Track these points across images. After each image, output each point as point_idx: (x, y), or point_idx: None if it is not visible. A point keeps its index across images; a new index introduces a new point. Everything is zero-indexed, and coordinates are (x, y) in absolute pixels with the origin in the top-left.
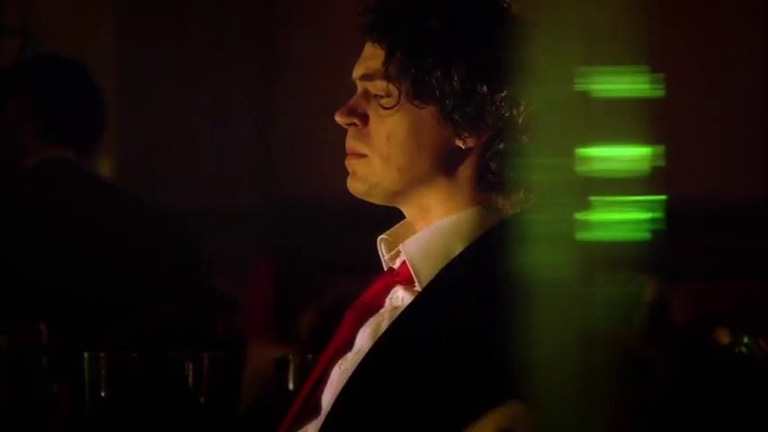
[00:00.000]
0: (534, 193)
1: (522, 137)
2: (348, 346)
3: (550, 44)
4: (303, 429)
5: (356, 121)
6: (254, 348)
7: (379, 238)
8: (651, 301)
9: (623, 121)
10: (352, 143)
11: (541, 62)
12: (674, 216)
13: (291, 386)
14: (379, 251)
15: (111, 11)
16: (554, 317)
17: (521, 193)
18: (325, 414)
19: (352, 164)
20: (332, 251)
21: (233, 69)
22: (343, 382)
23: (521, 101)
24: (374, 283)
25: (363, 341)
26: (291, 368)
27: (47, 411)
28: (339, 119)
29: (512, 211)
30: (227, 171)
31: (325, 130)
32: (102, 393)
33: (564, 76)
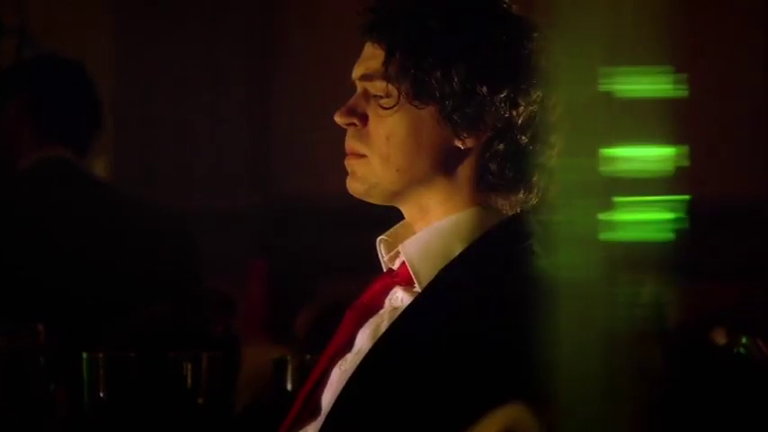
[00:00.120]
0: (557, 194)
1: (522, 137)
2: (348, 347)
3: (574, 45)
4: (303, 430)
5: (355, 121)
6: (249, 348)
7: (379, 238)
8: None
9: (645, 122)
10: (351, 143)
11: (565, 63)
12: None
13: (290, 387)
14: (378, 252)
15: (109, 11)
16: (573, 317)
17: (520, 194)
18: (325, 415)
19: (351, 164)
20: (328, 251)
21: (230, 69)
22: (343, 382)
23: (520, 101)
24: (373, 284)
25: (363, 342)
26: (290, 369)
27: (45, 411)
28: (338, 119)
29: (511, 212)
30: (223, 171)
31: (323, 129)
32: (101, 394)
33: (587, 76)
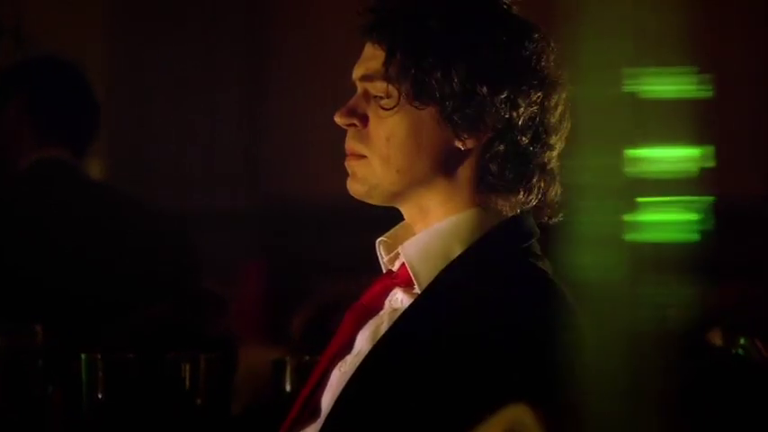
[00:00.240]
0: (581, 194)
1: (522, 138)
2: (347, 349)
3: (599, 47)
4: None
5: (356, 121)
6: (245, 349)
7: (378, 240)
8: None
9: (669, 123)
10: (351, 144)
11: (590, 64)
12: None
13: (289, 388)
14: (377, 253)
15: (100, 11)
16: (596, 317)
17: (520, 195)
18: (325, 416)
19: (351, 165)
20: (324, 251)
21: (224, 69)
22: (343, 384)
23: (521, 102)
24: (373, 285)
25: (363, 343)
26: (289, 370)
27: (43, 412)
28: (338, 119)
29: (511, 213)
30: (218, 171)
31: (318, 129)
32: (100, 395)
33: (612, 78)
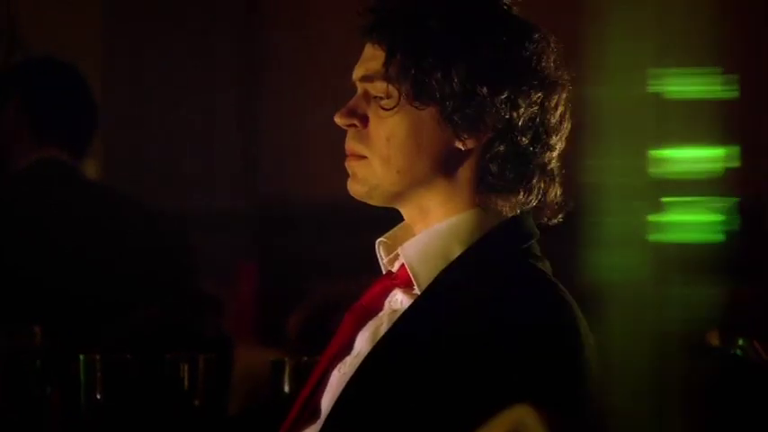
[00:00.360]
0: (606, 195)
1: (522, 139)
2: (347, 350)
3: (624, 47)
4: None
5: (356, 122)
6: (243, 350)
7: (378, 241)
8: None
9: (694, 123)
10: (351, 144)
11: (615, 64)
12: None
13: (288, 389)
14: (377, 254)
15: (97, 11)
16: (622, 319)
17: (520, 195)
18: (324, 418)
19: (351, 165)
20: (323, 252)
21: (224, 69)
22: (343, 385)
23: (521, 103)
24: (373, 286)
25: (362, 344)
26: (287, 371)
27: (41, 413)
28: (339, 120)
29: (511, 214)
30: (217, 171)
31: (317, 130)
32: (98, 395)
33: (637, 78)
